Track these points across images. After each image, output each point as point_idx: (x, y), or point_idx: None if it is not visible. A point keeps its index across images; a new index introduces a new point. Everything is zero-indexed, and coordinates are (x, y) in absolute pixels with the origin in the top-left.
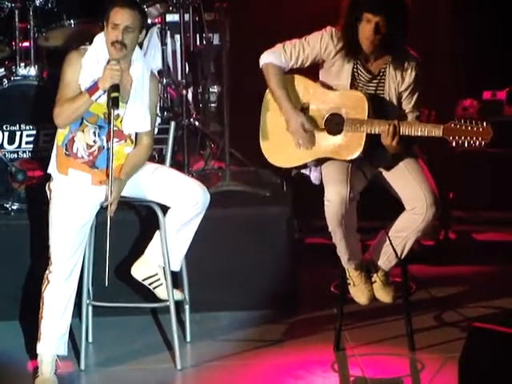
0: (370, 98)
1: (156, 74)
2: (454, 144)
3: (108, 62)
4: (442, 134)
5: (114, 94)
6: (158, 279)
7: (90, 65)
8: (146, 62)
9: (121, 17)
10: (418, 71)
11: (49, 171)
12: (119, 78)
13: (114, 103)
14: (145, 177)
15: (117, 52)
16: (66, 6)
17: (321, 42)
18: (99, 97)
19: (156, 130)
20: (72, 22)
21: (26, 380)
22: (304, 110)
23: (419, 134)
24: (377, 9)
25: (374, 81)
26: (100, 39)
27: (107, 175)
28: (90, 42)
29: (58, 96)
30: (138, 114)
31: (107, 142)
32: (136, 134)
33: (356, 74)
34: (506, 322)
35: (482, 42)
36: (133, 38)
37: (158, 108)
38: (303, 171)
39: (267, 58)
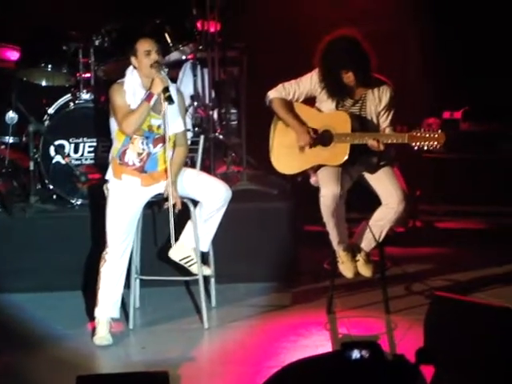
0: (352, 117)
1: (189, 97)
2: (416, 148)
3: (152, 80)
4: (406, 140)
5: (167, 94)
6: (192, 259)
7: (130, 91)
8: (171, 83)
9: (148, 44)
10: (391, 92)
11: (106, 177)
12: (168, 81)
13: (168, 100)
14: (189, 179)
15: (157, 70)
16: (119, 46)
17: (310, 82)
18: (155, 101)
19: (189, 141)
20: (123, 57)
21: (87, 337)
22: None
23: (390, 141)
24: (350, 65)
25: (357, 105)
26: (130, 72)
27: (155, 177)
28: None
29: (118, 117)
30: (171, 120)
31: (154, 147)
32: (175, 140)
33: (341, 102)
34: (460, 290)
35: (442, 72)
36: (161, 57)
37: (191, 125)
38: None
39: (272, 95)
